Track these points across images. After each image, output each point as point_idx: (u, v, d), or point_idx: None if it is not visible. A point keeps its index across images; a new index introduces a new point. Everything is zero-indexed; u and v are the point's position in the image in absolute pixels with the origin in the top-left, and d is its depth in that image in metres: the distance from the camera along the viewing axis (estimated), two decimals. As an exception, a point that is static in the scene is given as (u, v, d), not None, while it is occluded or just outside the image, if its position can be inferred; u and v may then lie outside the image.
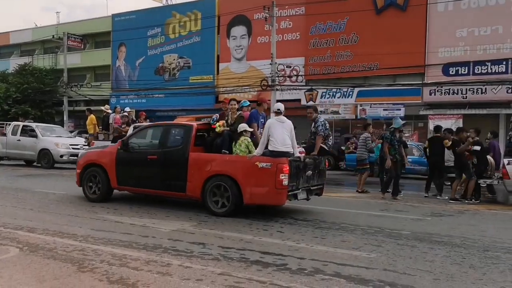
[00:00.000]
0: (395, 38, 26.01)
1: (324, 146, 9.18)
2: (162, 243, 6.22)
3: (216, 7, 33.36)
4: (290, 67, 28.78)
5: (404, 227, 7.50)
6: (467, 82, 24.88)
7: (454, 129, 12.71)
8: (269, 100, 23.60)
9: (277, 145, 7.92)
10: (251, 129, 8.54)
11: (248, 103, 9.61)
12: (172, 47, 35.22)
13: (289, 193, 7.88)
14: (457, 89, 25.34)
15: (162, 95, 33.65)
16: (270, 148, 7.96)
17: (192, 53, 34.25)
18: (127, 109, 15.63)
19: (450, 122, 24.43)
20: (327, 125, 9.43)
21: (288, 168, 7.65)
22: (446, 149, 11.46)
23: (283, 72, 27.95)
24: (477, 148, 10.84)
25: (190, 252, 5.77)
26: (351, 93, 28.52)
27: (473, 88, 24.85)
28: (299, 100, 29.73)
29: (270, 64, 25.48)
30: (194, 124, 9.17)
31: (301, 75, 29.92)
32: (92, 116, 16.87)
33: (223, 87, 31.75)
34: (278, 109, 8.39)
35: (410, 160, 15.40)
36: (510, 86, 23.72)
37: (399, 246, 6.20)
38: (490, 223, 8.05)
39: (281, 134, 8.01)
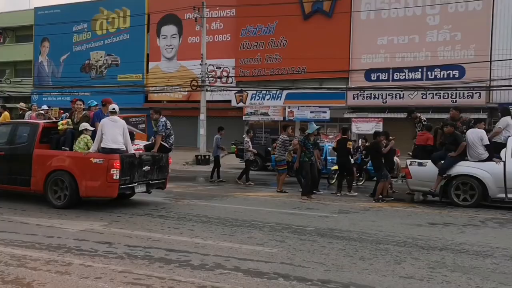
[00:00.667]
0: (322, 44, 27.03)
1: (165, 144, 9.82)
2: (66, 243, 6.15)
3: (145, 5, 32.95)
4: (220, 68, 29.01)
5: (310, 223, 7.89)
6: (387, 87, 26.38)
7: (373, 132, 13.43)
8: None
9: (109, 142, 8.56)
10: (92, 128, 9.07)
11: (95, 103, 10.13)
12: (99, 44, 34.30)
13: (123, 186, 8.59)
14: (378, 94, 26.82)
15: (89, 93, 32.57)
16: (102, 145, 8.60)
17: (121, 50, 33.56)
18: (44, 107, 15.00)
19: (372, 125, 25.80)
20: (169, 125, 10.09)
21: (119, 163, 8.39)
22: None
23: (213, 73, 28.14)
24: (385, 150, 11.59)
25: (94, 252, 5.76)
26: (280, 95, 29.29)
27: (392, 93, 26.39)
28: (229, 101, 30.06)
29: (200, 64, 25.53)
30: (41, 122, 9.70)
31: (232, 77, 30.28)
32: (6, 113, 15.95)
33: (153, 86, 31.38)
34: (113, 109, 9.01)
35: (331, 160, 16.07)
36: (424, 92, 25.44)
37: (301, 241, 6.54)
38: (389, 219, 8.63)
39: (112, 132, 8.64)
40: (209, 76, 26.51)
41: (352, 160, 12.88)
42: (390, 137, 12.85)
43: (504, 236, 7.36)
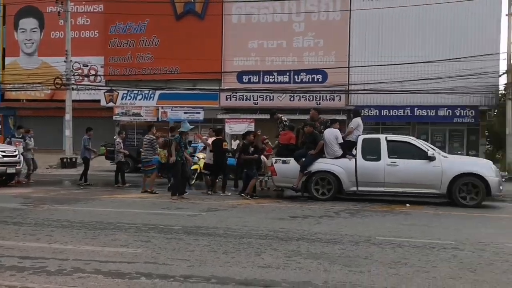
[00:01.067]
0: (195, 45, 27.15)
1: None
2: None
3: (1, -6, 30.01)
4: (88, 66, 27.56)
5: (178, 222, 7.94)
6: (258, 89, 27.43)
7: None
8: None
9: None
10: None
11: None
12: None
13: None
14: (250, 96, 27.74)
15: None
16: None
17: (-29, 43, 30.13)
18: None
19: (244, 126, 26.55)
20: None
21: None
22: None
23: (80, 71, 26.63)
24: (252, 149, 12.10)
25: None
26: (152, 95, 28.75)
27: (263, 95, 27.49)
28: (98, 101, 28.72)
29: (65, 61, 23.99)
30: None
31: (100, 75, 28.97)
32: None
33: (10, 83, 28.72)
34: None
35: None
36: (292, 95, 26.95)
37: (167, 240, 6.57)
38: (255, 214, 9.06)
39: None
40: (75, 74, 25.04)
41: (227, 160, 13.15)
42: (264, 136, 13.44)
43: (353, 224, 8.17)
